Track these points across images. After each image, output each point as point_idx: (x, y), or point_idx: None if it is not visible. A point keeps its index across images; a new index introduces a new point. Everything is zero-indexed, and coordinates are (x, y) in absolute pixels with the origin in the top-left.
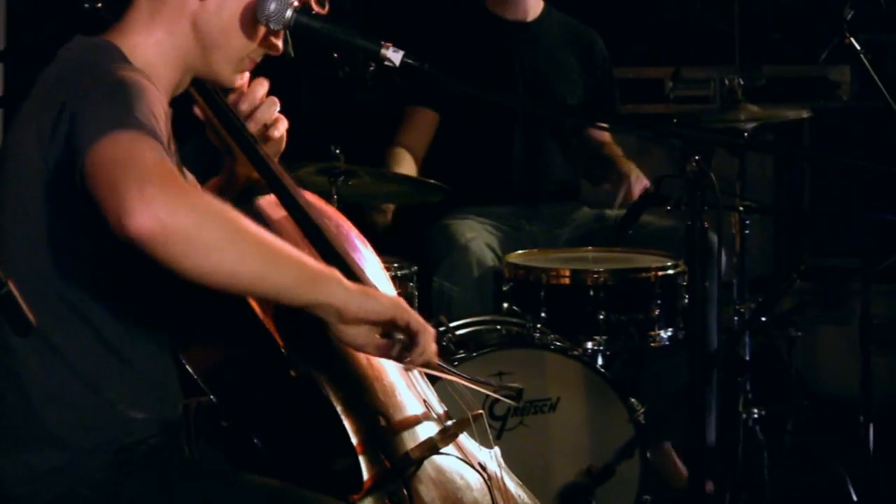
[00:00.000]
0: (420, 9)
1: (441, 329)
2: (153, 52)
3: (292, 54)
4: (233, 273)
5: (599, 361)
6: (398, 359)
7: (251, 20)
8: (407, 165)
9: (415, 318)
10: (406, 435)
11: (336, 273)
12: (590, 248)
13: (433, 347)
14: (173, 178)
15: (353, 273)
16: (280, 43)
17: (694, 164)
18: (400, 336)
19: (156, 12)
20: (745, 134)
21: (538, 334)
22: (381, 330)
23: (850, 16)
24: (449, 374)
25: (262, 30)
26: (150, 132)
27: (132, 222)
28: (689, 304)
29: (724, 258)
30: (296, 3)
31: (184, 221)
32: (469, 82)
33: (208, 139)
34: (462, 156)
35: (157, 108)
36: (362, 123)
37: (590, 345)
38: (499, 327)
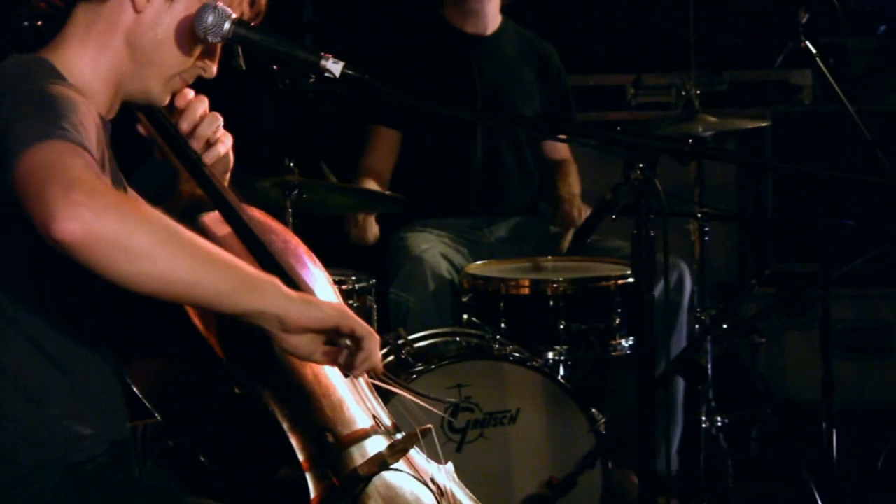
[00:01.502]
0: (380, 23)
1: (400, 342)
2: (87, 67)
3: (243, 67)
4: (165, 278)
5: (561, 372)
6: (345, 366)
7: (187, 36)
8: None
9: (360, 324)
10: (355, 451)
11: (276, 281)
12: (549, 257)
13: (378, 354)
14: (100, 184)
15: (298, 288)
16: (214, 67)
17: (638, 171)
18: (347, 342)
19: (90, 27)
20: (693, 140)
21: (497, 346)
22: (326, 338)
23: (805, 19)
24: (392, 383)
25: (197, 47)
26: (78, 142)
27: (58, 227)
28: (637, 315)
29: (682, 266)
30: (234, 16)
31: (111, 225)
32: (415, 94)
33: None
34: (421, 168)
35: (88, 121)
36: (329, 137)
37: (551, 355)
38: (458, 339)
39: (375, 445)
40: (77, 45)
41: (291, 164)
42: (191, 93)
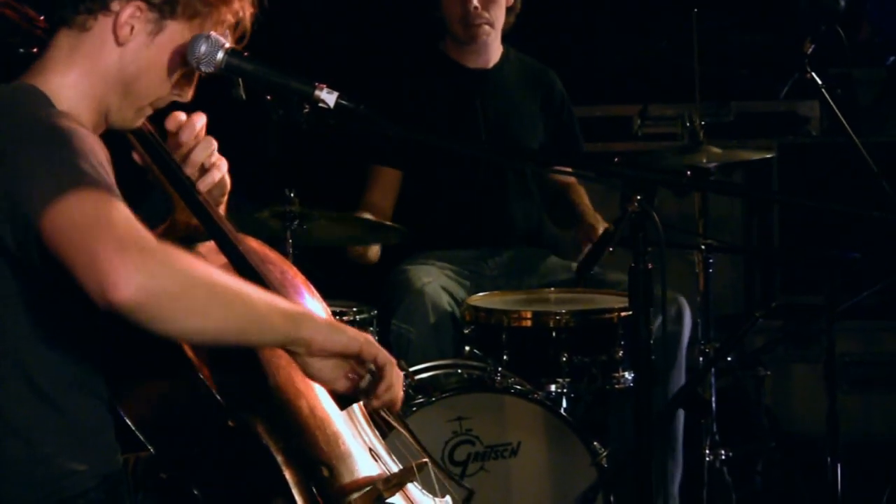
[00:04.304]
0: (381, 57)
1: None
2: (71, 92)
3: (243, 96)
4: (218, 330)
5: (563, 404)
6: (366, 394)
7: (166, 68)
8: None
9: (382, 353)
10: (350, 485)
11: (307, 309)
12: (551, 289)
13: (400, 385)
14: (148, 240)
15: None
16: (190, 92)
17: (636, 204)
18: (371, 367)
19: (73, 53)
20: (694, 172)
21: (499, 378)
22: (349, 364)
23: (810, 50)
24: (401, 424)
25: (175, 77)
26: (107, 188)
27: (118, 294)
28: (637, 347)
29: (681, 301)
30: (227, 45)
31: (170, 287)
32: (413, 128)
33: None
34: (424, 201)
35: (102, 157)
36: (331, 167)
37: (553, 387)
38: (459, 371)
39: (371, 479)
40: (62, 70)
41: (292, 195)
42: (182, 115)
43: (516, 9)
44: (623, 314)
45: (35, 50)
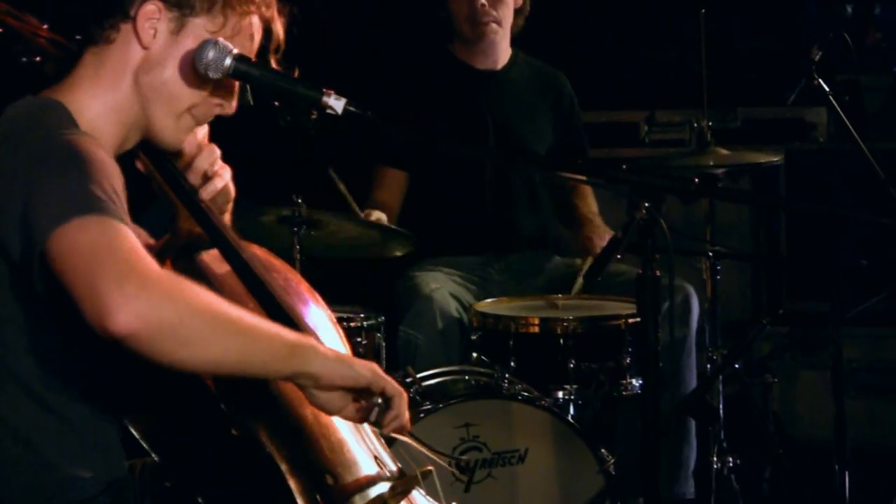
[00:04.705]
0: (390, 60)
1: (408, 380)
2: (97, 110)
3: (251, 102)
4: (217, 360)
5: (571, 411)
6: (374, 423)
7: (193, 71)
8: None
9: (390, 384)
10: (355, 493)
11: (312, 341)
12: (559, 295)
13: (406, 413)
14: (150, 270)
15: (298, 329)
16: (234, 103)
17: (643, 211)
18: (377, 400)
19: (99, 69)
20: (701, 179)
21: (506, 384)
22: (356, 395)
23: (818, 57)
24: (416, 441)
25: (207, 83)
26: (115, 214)
27: (115, 324)
28: (645, 354)
29: (693, 297)
30: (235, 51)
31: (167, 318)
32: (421, 132)
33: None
34: (431, 206)
35: (115, 180)
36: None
37: (560, 394)
38: (467, 377)
39: (377, 488)
40: (88, 87)
41: (299, 200)
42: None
43: (525, 11)
44: (631, 320)
45: (38, 59)
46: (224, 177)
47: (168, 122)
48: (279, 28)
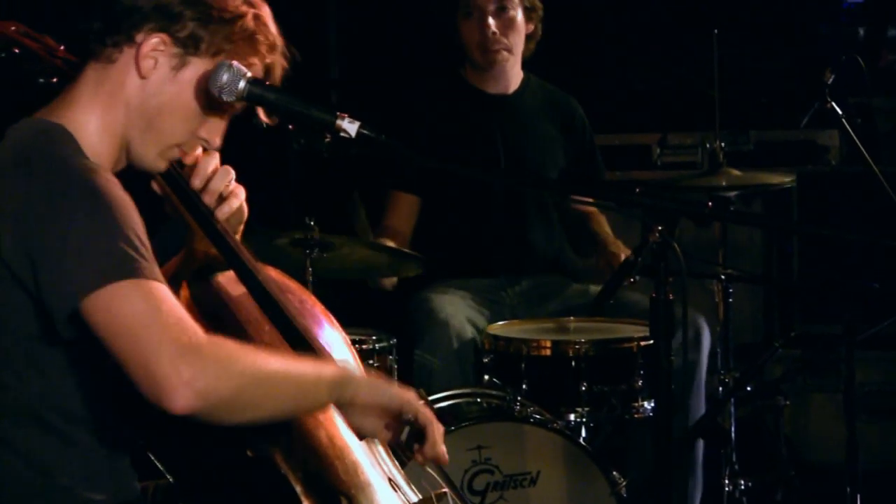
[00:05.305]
0: (402, 84)
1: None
2: (95, 129)
3: (265, 125)
4: (272, 417)
5: (583, 433)
6: (408, 445)
7: (190, 106)
8: None
9: (423, 411)
10: None
11: (347, 370)
12: (571, 318)
13: (442, 444)
14: (199, 339)
15: (314, 351)
16: (218, 140)
17: (657, 234)
18: (409, 418)
19: (98, 88)
20: (714, 202)
21: (518, 407)
22: (389, 418)
23: (830, 80)
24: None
25: (200, 119)
26: (150, 274)
27: (174, 404)
28: (657, 377)
29: (704, 328)
30: (249, 75)
31: (224, 393)
32: (434, 156)
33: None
34: (443, 229)
35: (138, 223)
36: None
37: (572, 417)
38: (479, 400)
39: None
40: (86, 104)
41: (312, 223)
42: (199, 149)
43: (536, 36)
44: (643, 343)
45: (55, 80)
46: (239, 196)
47: (153, 152)
48: (278, 73)
